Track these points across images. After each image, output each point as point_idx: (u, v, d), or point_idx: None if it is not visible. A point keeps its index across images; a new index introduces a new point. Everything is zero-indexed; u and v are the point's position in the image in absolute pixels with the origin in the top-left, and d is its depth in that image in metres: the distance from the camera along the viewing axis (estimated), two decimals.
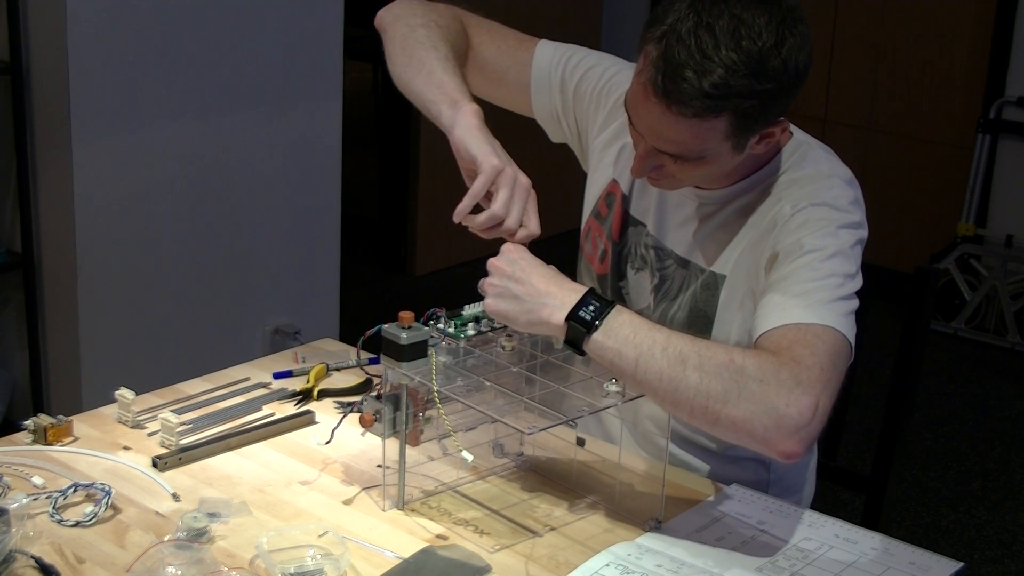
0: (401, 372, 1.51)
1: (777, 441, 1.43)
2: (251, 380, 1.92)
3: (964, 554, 3.15)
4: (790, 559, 1.50)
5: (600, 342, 1.47)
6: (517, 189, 1.59)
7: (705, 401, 1.43)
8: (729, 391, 1.43)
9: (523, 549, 1.51)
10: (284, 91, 3.46)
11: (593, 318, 1.47)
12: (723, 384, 1.43)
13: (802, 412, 1.42)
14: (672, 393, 1.45)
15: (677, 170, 1.62)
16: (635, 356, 1.46)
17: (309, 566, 1.41)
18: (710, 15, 1.50)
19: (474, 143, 1.61)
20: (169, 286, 3.33)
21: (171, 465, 1.65)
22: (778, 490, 1.81)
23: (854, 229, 1.62)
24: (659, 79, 1.51)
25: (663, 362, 1.45)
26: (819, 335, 1.49)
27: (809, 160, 1.69)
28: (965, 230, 4.65)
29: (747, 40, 1.49)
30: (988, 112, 4.63)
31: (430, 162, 4.80)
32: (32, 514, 1.50)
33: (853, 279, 1.58)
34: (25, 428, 1.70)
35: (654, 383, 1.45)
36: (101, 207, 3.13)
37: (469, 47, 1.85)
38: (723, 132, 1.54)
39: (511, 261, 1.54)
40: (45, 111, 3.09)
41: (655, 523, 1.56)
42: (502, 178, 1.58)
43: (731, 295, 1.70)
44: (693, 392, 1.44)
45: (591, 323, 1.47)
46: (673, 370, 1.44)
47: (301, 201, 3.60)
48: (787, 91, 1.55)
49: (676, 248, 1.77)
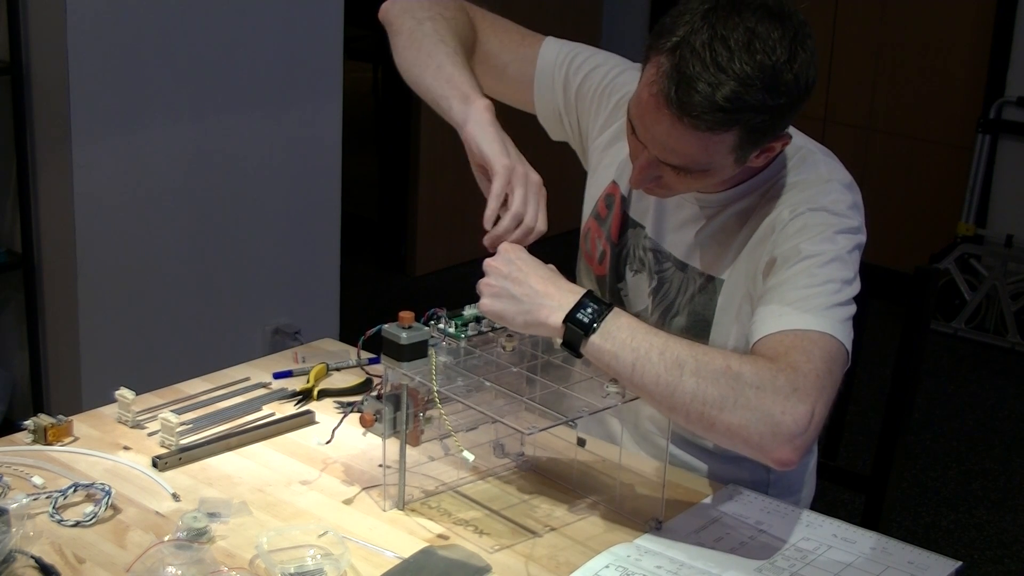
0: (401, 372, 1.51)
1: (772, 449, 1.43)
2: (251, 380, 1.92)
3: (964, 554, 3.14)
4: (789, 559, 1.50)
5: (597, 345, 1.47)
6: (530, 187, 1.59)
7: (701, 407, 1.43)
8: (725, 397, 1.43)
9: (523, 549, 1.51)
10: (284, 91, 3.46)
11: (591, 321, 1.47)
12: (720, 390, 1.43)
13: (798, 420, 1.42)
14: (668, 398, 1.45)
15: (676, 181, 1.61)
16: (632, 360, 1.46)
17: (309, 566, 1.41)
18: (724, 28, 1.49)
19: (485, 141, 1.60)
20: (169, 286, 3.33)
21: (171, 465, 1.65)
22: (778, 490, 1.81)
23: (852, 234, 1.62)
24: (672, 91, 1.50)
25: (660, 366, 1.45)
26: (816, 341, 1.49)
27: (808, 164, 1.68)
28: (965, 230, 4.65)
29: (762, 54, 1.48)
30: (988, 112, 4.63)
31: (430, 162, 4.80)
32: (32, 514, 1.50)
33: (850, 284, 1.58)
34: (25, 428, 1.70)
35: (650, 387, 1.45)
36: (101, 207, 3.13)
37: (475, 39, 1.84)
38: (730, 145, 1.54)
39: (508, 261, 1.54)
40: (45, 111, 3.09)
41: (656, 524, 1.56)
42: (515, 177, 1.58)
43: (729, 299, 1.70)
44: (689, 397, 1.44)
45: (588, 326, 1.47)
46: (670, 375, 1.44)
47: (301, 201, 3.60)
48: (796, 106, 1.55)
49: (674, 251, 1.77)
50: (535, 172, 1.60)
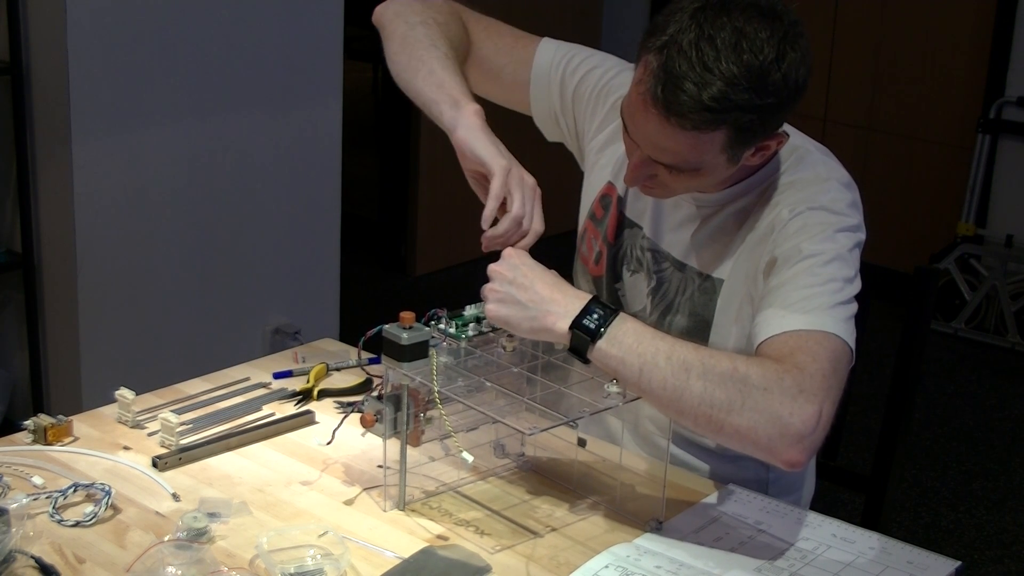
0: (402, 372, 1.51)
1: (781, 450, 1.43)
2: (251, 380, 1.92)
3: (964, 554, 3.15)
4: (788, 559, 1.50)
5: (604, 351, 1.47)
6: (526, 188, 1.59)
7: (709, 410, 1.43)
8: (733, 400, 1.43)
9: (524, 550, 1.51)
10: (284, 91, 3.46)
11: (597, 326, 1.47)
12: (727, 393, 1.43)
13: (806, 421, 1.42)
14: (676, 402, 1.45)
15: (671, 180, 1.61)
16: (639, 365, 1.46)
17: (309, 566, 1.41)
18: (712, 27, 1.49)
19: (479, 144, 1.61)
20: (169, 286, 3.33)
21: (171, 465, 1.65)
22: (777, 489, 1.81)
23: (852, 232, 1.62)
24: (659, 90, 1.50)
25: (667, 371, 1.45)
26: (820, 342, 1.49)
27: (806, 163, 1.69)
28: (965, 230, 4.65)
29: (748, 54, 1.49)
30: (988, 112, 4.63)
31: (430, 162, 4.80)
32: (32, 514, 1.50)
33: (852, 283, 1.58)
34: (25, 428, 1.70)
35: (658, 391, 1.45)
36: (101, 207, 3.13)
37: (469, 43, 1.84)
38: (720, 144, 1.54)
39: (513, 267, 1.54)
40: (45, 111, 3.09)
41: (656, 524, 1.56)
42: (512, 179, 1.58)
43: (729, 299, 1.70)
44: (697, 401, 1.44)
45: (595, 332, 1.47)
46: (677, 379, 1.44)
47: (301, 201, 3.60)
48: (786, 106, 1.55)
49: (673, 251, 1.77)
50: (529, 174, 1.61)
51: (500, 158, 1.59)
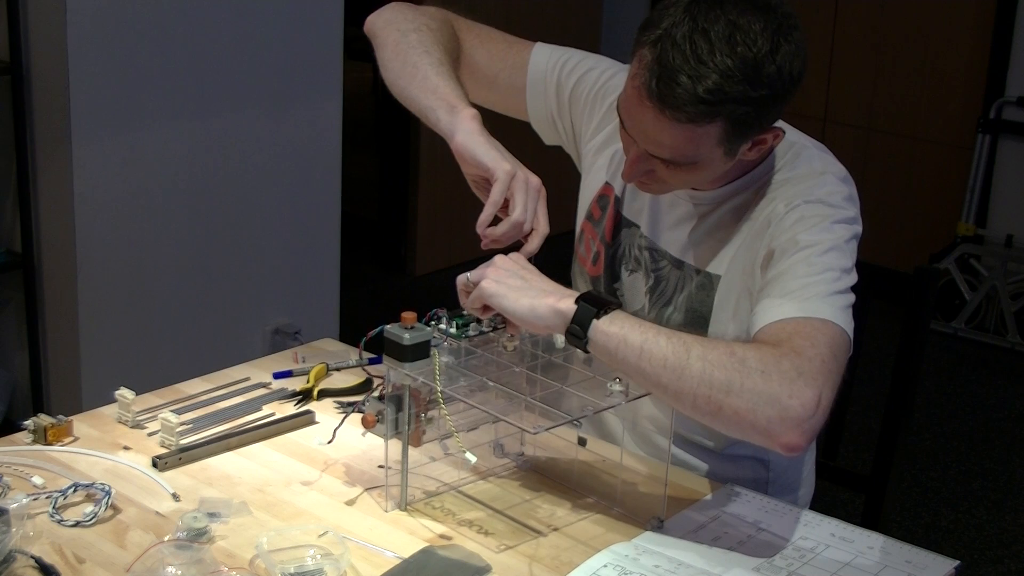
0: (404, 373, 1.51)
1: (780, 433, 1.42)
2: (251, 380, 1.92)
3: (964, 554, 3.15)
4: (787, 558, 1.51)
5: (604, 329, 1.47)
6: (529, 191, 1.59)
7: (708, 390, 1.43)
8: (732, 381, 1.42)
9: (527, 549, 1.51)
10: (284, 91, 3.46)
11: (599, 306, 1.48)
12: (726, 374, 1.43)
13: (805, 404, 1.42)
14: (676, 381, 1.44)
15: (668, 175, 1.61)
16: (640, 342, 1.45)
17: (309, 566, 1.41)
18: (706, 20, 1.50)
19: (480, 149, 1.61)
20: (169, 286, 3.33)
21: (171, 465, 1.65)
22: (776, 489, 1.81)
23: (849, 224, 1.62)
24: (653, 83, 1.51)
25: (668, 349, 1.44)
26: (818, 328, 1.49)
27: (802, 159, 1.69)
28: (965, 230, 4.65)
29: (742, 46, 1.49)
30: (988, 112, 4.63)
31: (430, 162, 4.80)
32: (32, 514, 1.50)
33: (849, 273, 1.58)
34: (25, 428, 1.70)
35: (658, 370, 1.45)
36: (101, 207, 3.13)
37: (461, 50, 1.85)
38: (716, 138, 1.54)
39: (515, 260, 1.56)
40: (45, 111, 3.09)
41: (657, 523, 1.56)
42: (515, 183, 1.59)
43: (727, 295, 1.70)
44: (696, 381, 1.43)
45: (597, 311, 1.47)
46: (677, 357, 1.44)
47: (301, 201, 3.60)
48: (781, 98, 1.55)
49: (670, 249, 1.77)
50: (534, 175, 1.61)
51: (503, 162, 1.59)
